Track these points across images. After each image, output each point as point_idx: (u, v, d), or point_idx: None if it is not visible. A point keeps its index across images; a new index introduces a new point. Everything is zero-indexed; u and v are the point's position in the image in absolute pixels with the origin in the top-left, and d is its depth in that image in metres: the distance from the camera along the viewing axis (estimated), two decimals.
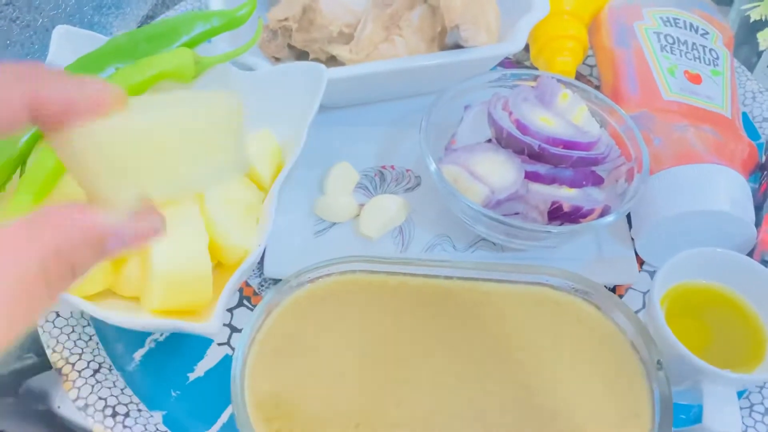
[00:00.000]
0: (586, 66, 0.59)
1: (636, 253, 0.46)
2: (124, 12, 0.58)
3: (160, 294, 0.37)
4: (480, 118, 0.47)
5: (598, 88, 0.53)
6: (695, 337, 0.38)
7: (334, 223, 0.47)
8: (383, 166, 0.50)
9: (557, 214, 0.42)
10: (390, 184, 0.49)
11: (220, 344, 0.43)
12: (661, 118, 0.46)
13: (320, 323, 0.38)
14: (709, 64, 0.50)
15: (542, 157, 0.42)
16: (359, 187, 0.49)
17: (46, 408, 0.43)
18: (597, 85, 0.57)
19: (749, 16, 0.55)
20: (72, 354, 0.41)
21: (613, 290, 0.46)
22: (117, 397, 0.40)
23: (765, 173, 0.48)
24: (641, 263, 0.47)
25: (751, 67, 0.59)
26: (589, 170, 0.44)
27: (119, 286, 0.40)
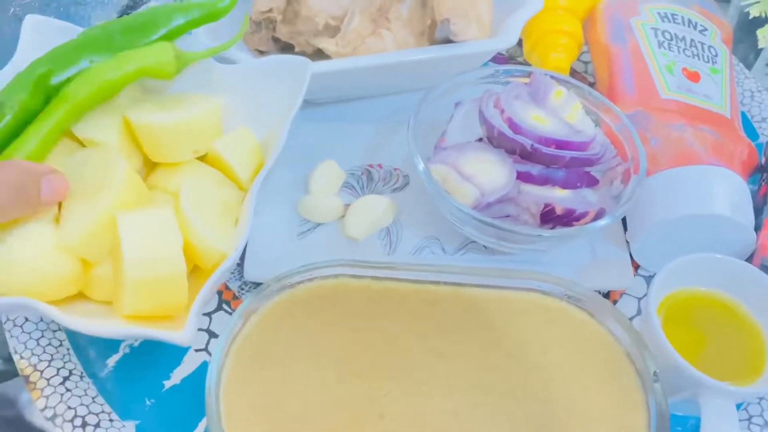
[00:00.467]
0: (581, 62, 0.57)
1: (631, 257, 0.45)
2: (103, 2, 0.56)
3: (132, 298, 0.35)
4: (471, 116, 0.45)
5: (592, 86, 0.52)
6: (693, 347, 0.37)
7: (319, 224, 0.45)
8: (370, 165, 0.48)
9: (550, 217, 0.40)
10: (377, 183, 0.48)
11: (197, 350, 0.41)
12: (659, 118, 0.45)
13: (301, 330, 0.36)
14: (707, 62, 0.49)
15: (534, 157, 0.41)
16: (345, 186, 0.47)
17: (15, 414, 0.41)
18: (592, 82, 0.55)
19: (748, 13, 0.54)
20: (41, 361, 0.40)
21: (606, 295, 0.44)
22: (87, 407, 0.38)
23: (764, 175, 0.46)
24: (636, 267, 0.45)
25: (749, 65, 0.58)
26: (584, 171, 0.42)
27: (91, 290, 0.38)
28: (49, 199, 0.35)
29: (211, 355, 0.34)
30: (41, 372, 0.39)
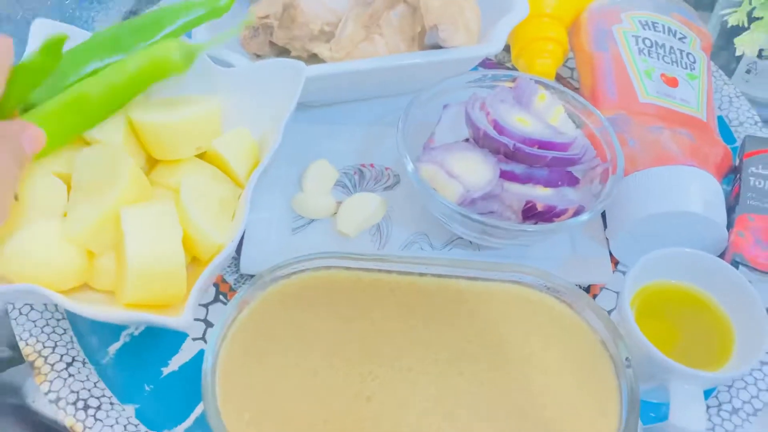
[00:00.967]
0: (567, 68, 0.59)
1: (611, 254, 0.46)
2: (107, 6, 0.58)
3: (134, 287, 0.37)
4: (458, 118, 0.47)
5: (577, 90, 0.54)
6: (665, 337, 0.39)
7: (312, 220, 0.47)
8: (362, 164, 0.50)
9: (531, 213, 0.42)
10: (369, 182, 0.50)
11: (194, 339, 0.43)
12: (638, 121, 0.47)
13: (293, 319, 0.38)
14: (686, 68, 0.51)
15: (518, 156, 0.43)
16: (338, 184, 0.49)
17: (19, 402, 0.43)
18: (577, 87, 0.57)
19: (728, 22, 0.56)
20: (45, 347, 0.41)
21: (587, 290, 0.46)
22: (89, 391, 0.40)
23: (738, 176, 0.48)
24: (616, 264, 0.47)
25: (730, 73, 0.60)
26: (565, 170, 0.44)
27: (95, 280, 0.40)
28: (34, 150, 0.35)
29: (207, 342, 0.36)
30: (45, 358, 0.41)
